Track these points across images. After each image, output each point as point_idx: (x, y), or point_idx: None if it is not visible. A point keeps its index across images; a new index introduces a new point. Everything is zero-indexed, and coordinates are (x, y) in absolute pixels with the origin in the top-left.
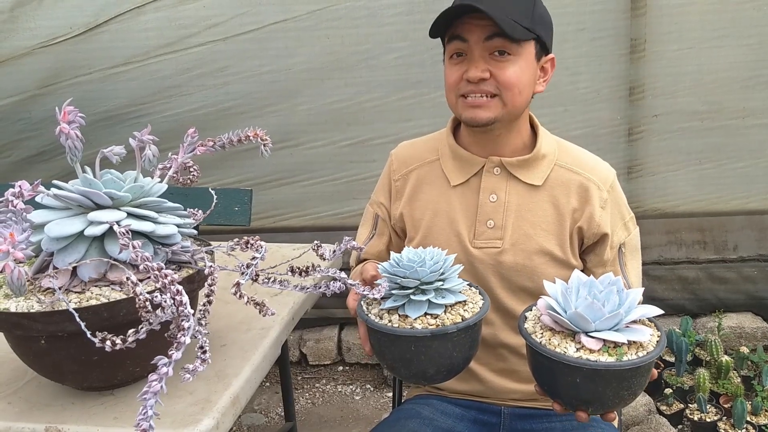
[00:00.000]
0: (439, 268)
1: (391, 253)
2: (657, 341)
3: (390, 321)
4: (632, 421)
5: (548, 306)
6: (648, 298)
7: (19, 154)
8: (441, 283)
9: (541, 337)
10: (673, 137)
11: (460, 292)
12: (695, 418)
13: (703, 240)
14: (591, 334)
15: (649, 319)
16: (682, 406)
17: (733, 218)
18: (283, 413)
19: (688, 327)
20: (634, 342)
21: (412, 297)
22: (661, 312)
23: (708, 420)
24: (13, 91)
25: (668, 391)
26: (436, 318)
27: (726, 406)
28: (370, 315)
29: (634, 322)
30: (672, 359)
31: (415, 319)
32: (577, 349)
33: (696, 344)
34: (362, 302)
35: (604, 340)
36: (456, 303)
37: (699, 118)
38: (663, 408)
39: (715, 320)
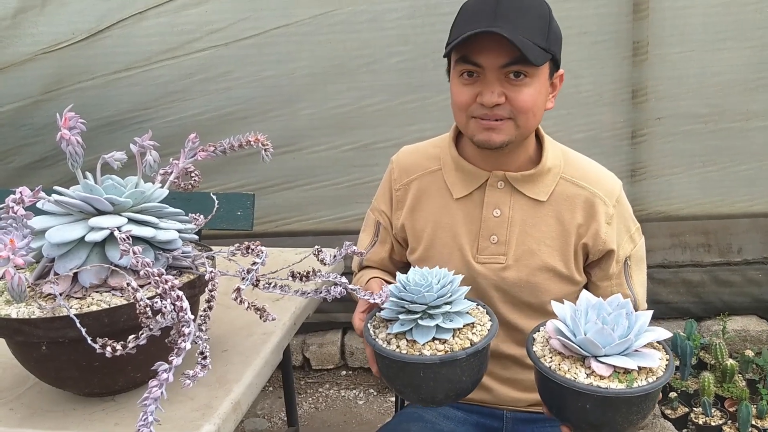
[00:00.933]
0: (446, 292)
1: (398, 274)
2: (666, 365)
3: (398, 347)
4: None
5: (557, 330)
6: (652, 302)
7: (23, 160)
8: (449, 306)
9: (551, 362)
10: (676, 140)
11: (467, 313)
12: (700, 422)
13: (707, 243)
14: (601, 359)
15: (658, 341)
16: (686, 409)
17: (737, 221)
18: (286, 418)
19: (693, 330)
20: (643, 367)
21: (419, 322)
22: (670, 335)
23: (713, 424)
24: (15, 97)
25: (673, 394)
26: (444, 343)
27: (731, 409)
28: (377, 340)
29: (644, 345)
30: (677, 363)
31: (424, 344)
32: (588, 375)
33: (701, 348)
34: (369, 325)
35: (614, 366)
36: (464, 326)
37: (702, 121)
38: (668, 412)
39: (720, 323)
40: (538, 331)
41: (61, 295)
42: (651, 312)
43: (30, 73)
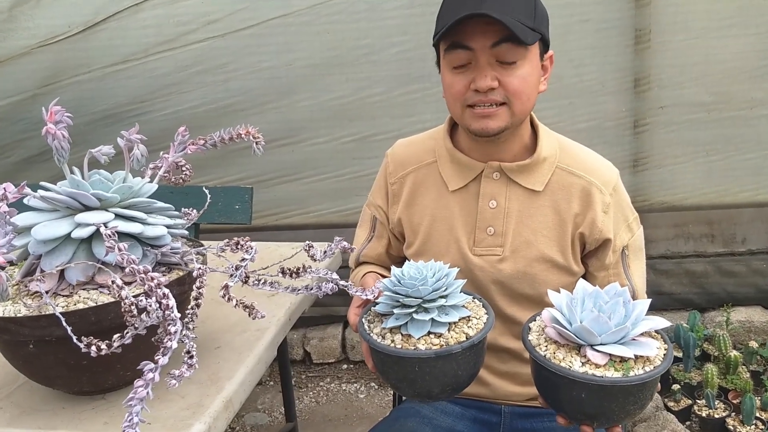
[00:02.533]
0: (441, 286)
1: (392, 268)
2: (664, 354)
3: (393, 341)
4: (639, 417)
5: (553, 318)
6: (655, 293)
7: (21, 155)
8: (444, 300)
9: (546, 351)
10: (679, 129)
11: (463, 306)
12: (703, 414)
13: (711, 233)
14: (597, 347)
15: (657, 331)
16: (690, 402)
17: (741, 211)
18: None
19: (696, 321)
20: (641, 356)
21: (414, 316)
22: (668, 324)
23: (716, 416)
24: (13, 92)
25: (676, 386)
26: (439, 337)
27: (735, 401)
28: (372, 334)
29: (642, 334)
30: (680, 354)
31: (419, 338)
32: (583, 363)
33: (704, 339)
34: (364, 320)
35: (610, 355)
36: (460, 319)
37: (706, 110)
38: (671, 404)
39: (724, 314)
40: (534, 320)
41: (47, 292)
42: (649, 300)
43: (26, 67)
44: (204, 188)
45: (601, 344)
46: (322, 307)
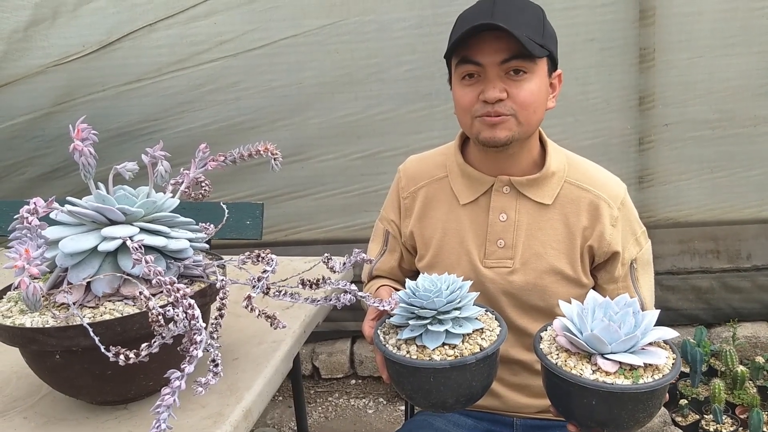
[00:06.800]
0: (455, 298)
1: (407, 281)
2: (673, 364)
3: (408, 352)
4: None
5: (564, 327)
6: (662, 308)
7: (34, 171)
8: (458, 312)
9: (557, 359)
10: (684, 146)
11: (476, 319)
12: (711, 429)
13: (716, 249)
14: (607, 356)
15: (665, 341)
16: (697, 417)
17: (746, 227)
18: (295, 427)
19: (703, 337)
20: (650, 364)
21: (429, 327)
22: (677, 334)
23: (724, 431)
24: (27, 109)
25: (683, 402)
26: (454, 348)
27: (742, 416)
28: (387, 345)
29: (650, 344)
30: (687, 370)
31: (433, 349)
32: (593, 371)
33: (711, 354)
34: (379, 331)
35: (620, 363)
36: (473, 331)
37: (710, 127)
38: (678, 419)
39: (730, 330)
40: (546, 330)
41: (74, 304)
42: (658, 311)
43: (41, 86)
44: (221, 203)
45: (611, 352)
46: (331, 322)
